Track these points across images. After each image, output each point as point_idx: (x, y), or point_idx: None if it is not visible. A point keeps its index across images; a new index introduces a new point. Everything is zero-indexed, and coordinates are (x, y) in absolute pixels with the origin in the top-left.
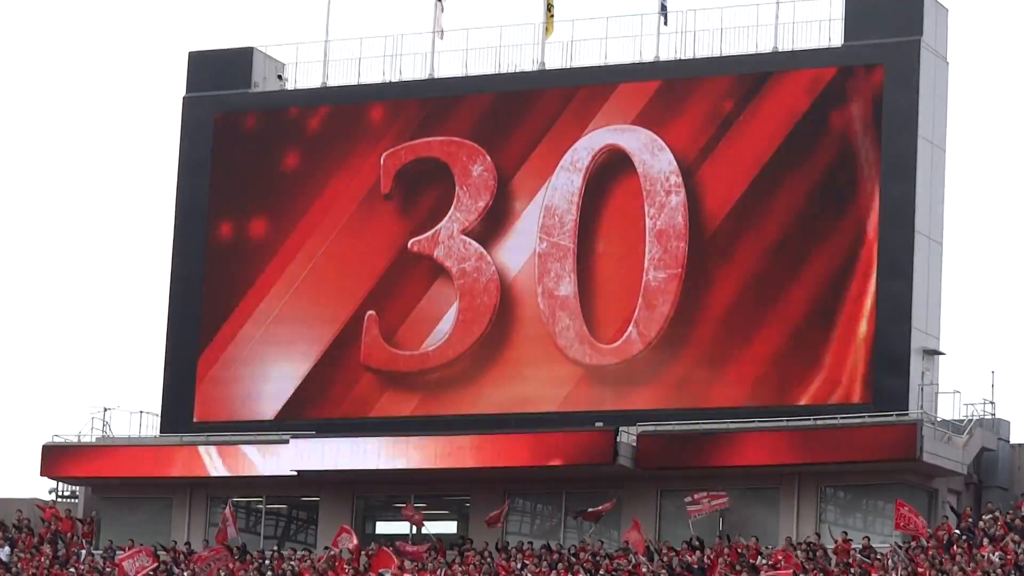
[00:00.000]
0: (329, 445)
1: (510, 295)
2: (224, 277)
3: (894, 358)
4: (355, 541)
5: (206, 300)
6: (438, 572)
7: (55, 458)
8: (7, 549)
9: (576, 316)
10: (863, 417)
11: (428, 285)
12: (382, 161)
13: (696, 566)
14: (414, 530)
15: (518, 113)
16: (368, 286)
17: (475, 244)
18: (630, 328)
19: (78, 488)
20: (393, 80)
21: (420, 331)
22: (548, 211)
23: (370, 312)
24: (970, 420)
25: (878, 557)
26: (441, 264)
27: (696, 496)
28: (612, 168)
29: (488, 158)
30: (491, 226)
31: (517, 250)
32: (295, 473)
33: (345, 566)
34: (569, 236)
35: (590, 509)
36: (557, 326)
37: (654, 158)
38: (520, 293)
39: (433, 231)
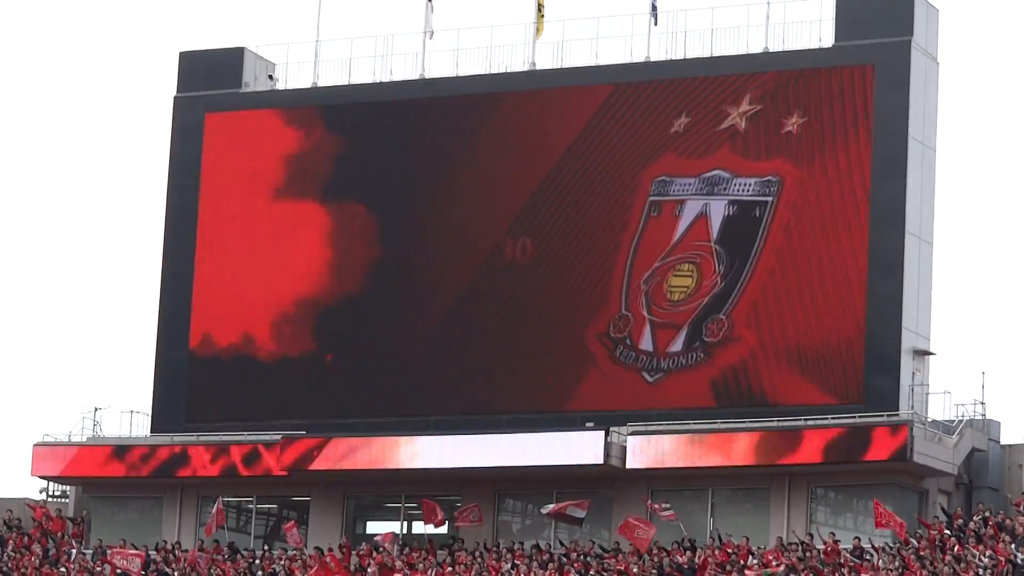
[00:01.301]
0: (322, 444)
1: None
2: (214, 276)
3: (885, 358)
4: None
5: (196, 299)
6: (428, 572)
7: (45, 457)
8: None
9: None
10: (853, 417)
11: None
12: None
13: (686, 566)
14: (404, 529)
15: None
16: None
17: None
18: None
19: (68, 487)
20: (384, 80)
21: None
22: None
23: None
24: (961, 421)
25: (868, 557)
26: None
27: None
28: None
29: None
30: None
31: None
32: (285, 472)
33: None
34: None
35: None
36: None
37: None
38: None
39: None
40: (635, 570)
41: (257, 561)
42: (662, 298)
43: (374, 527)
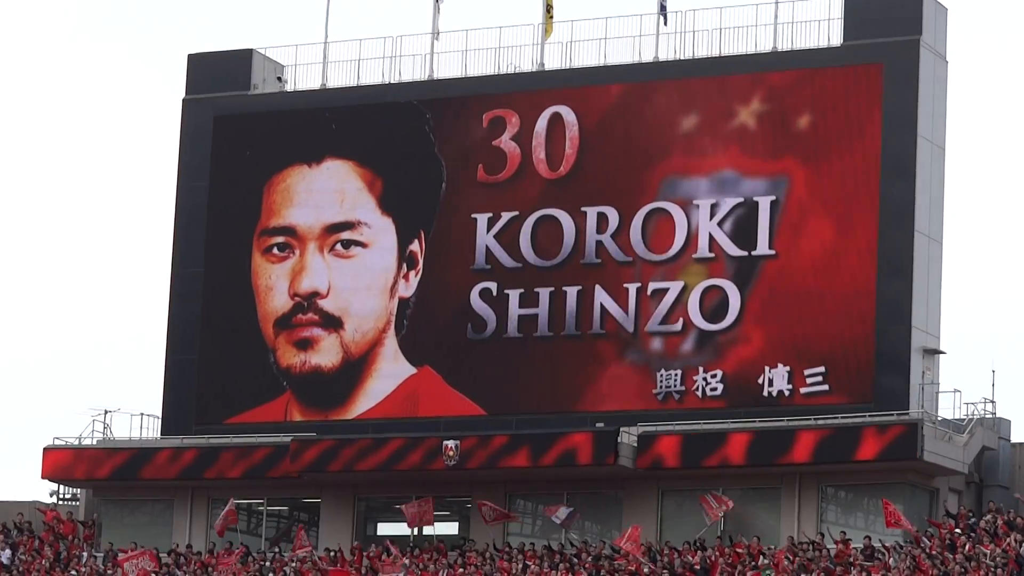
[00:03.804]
0: (333, 446)
1: None
2: (224, 278)
3: (894, 357)
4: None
5: (206, 301)
6: (440, 573)
7: (56, 461)
8: (8, 552)
9: None
10: (864, 416)
11: None
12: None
13: (698, 567)
14: (415, 531)
15: None
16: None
17: None
18: None
19: (79, 490)
20: (392, 81)
21: None
22: None
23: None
24: (971, 419)
25: (879, 557)
26: None
27: (716, 497)
28: None
29: None
30: None
31: None
32: (296, 475)
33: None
34: None
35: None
36: None
37: None
38: None
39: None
40: (646, 571)
41: (268, 563)
42: (671, 298)
43: (384, 529)
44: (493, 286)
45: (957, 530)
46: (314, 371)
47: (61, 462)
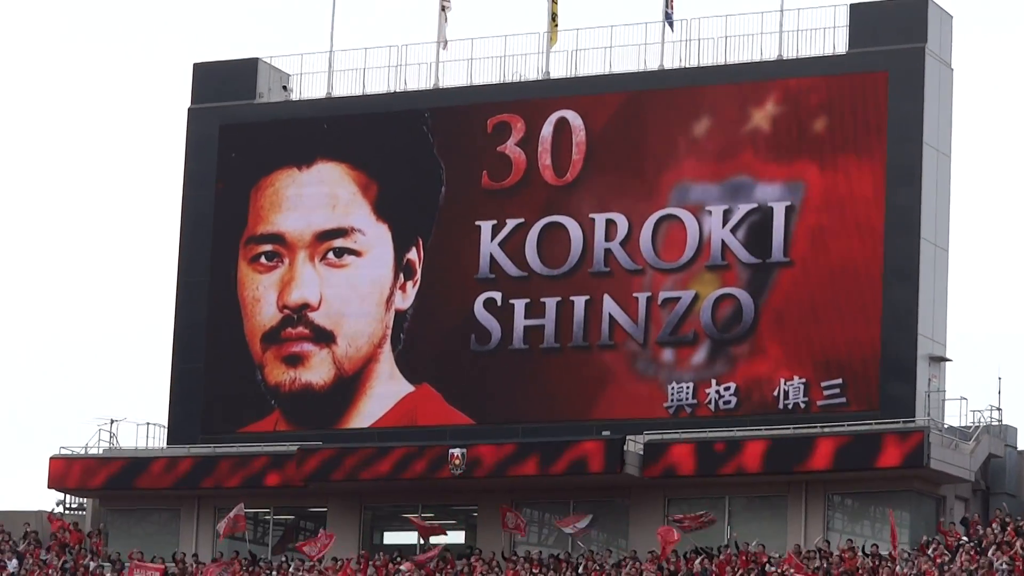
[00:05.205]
0: (339, 455)
1: None
2: (229, 288)
3: (901, 365)
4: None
5: (212, 311)
6: None
7: (62, 470)
8: (15, 561)
9: None
10: (870, 424)
11: None
12: None
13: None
14: (422, 540)
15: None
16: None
17: None
18: None
19: (85, 500)
20: (398, 90)
21: None
22: None
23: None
24: (977, 427)
25: (887, 563)
26: None
27: (678, 516)
28: None
29: None
30: None
31: None
32: (303, 483)
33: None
34: None
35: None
36: None
37: None
38: None
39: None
40: None
41: (274, 573)
42: (683, 307)
43: (391, 538)
44: (498, 296)
45: (964, 538)
46: (304, 389)
47: (67, 472)
